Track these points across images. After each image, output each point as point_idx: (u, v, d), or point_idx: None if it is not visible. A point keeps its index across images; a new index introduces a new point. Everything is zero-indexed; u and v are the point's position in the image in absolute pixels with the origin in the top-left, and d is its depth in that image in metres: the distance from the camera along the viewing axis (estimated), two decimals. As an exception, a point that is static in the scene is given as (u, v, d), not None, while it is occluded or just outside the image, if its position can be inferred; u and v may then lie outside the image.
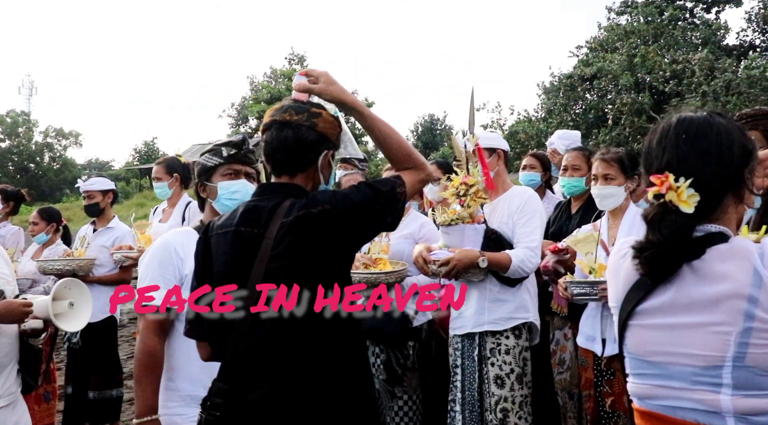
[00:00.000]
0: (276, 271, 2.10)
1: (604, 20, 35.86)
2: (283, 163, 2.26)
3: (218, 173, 2.90)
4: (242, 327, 2.13)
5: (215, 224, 2.32)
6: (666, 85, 26.78)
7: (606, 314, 3.53)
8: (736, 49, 32.45)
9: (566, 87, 30.25)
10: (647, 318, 1.65)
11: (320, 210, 2.12)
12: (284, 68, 48.38)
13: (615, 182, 3.65)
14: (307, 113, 2.26)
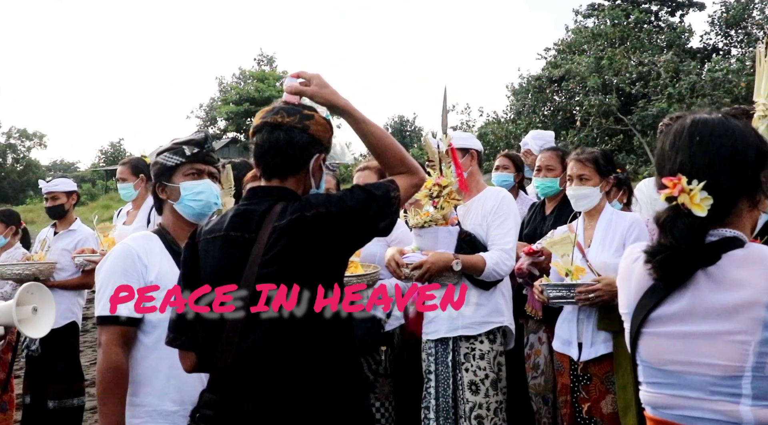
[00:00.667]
0: (268, 276, 2.06)
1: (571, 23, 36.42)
2: (274, 166, 2.22)
3: (180, 173, 2.76)
4: (233, 333, 2.08)
5: (203, 230, 2.27)
6: (632, 87, 27.14)
7: (582, 317, 3.47)
8: (700, 52, 33.02)
9: (535, 89, 30.56)
10: (662, 326, 1.61)
11: (314, 213, 2.09)
12: (253, 69, 48.17)
13: (590, 182, 3.59)
14: (299, 115, 2.22)
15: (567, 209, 4.01)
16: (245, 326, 2.08)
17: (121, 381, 2.54)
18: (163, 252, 2.70)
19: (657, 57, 27.76)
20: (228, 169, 4.68)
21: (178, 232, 2.78)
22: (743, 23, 33.25)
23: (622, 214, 3.62)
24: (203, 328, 2.17)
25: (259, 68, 48.91)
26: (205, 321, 2.17)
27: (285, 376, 2.06)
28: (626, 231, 3.47)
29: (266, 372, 2.07)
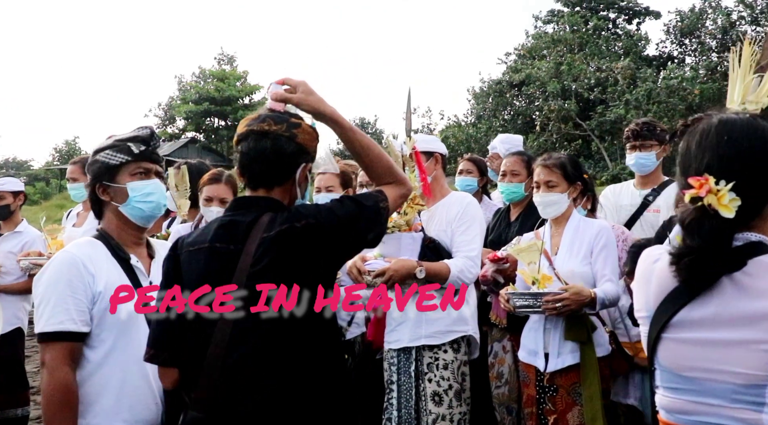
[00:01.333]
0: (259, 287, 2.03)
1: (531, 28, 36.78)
2: (261, 175, 2.18)
3: (125, 173, 2.55)
4: (220, 348, 2.03)
5: (185, 241, 2.22)
6: (591, 93, 27.55)
7: (549, 327, 3.39)
8: (656, 60, 33.65)
9: (495, 93, 30.90)
10: (685, 332, 1.57)
11: (305, 224, 2.05)
12: (213, 68, 47.60)
13: (558, 188, 3.51)
14: (286, 123, 2.17)
15: (532, 215, 3.94)
16: (232, 340, 2.03)
17: (70, 402, 2.34)
18: (109, 260, 2.52)
19: (615, 63, 28.20)
20: (183, 170, 4.51)
21: (123, 237, 2.60)
22: (697, 32, 33.99)
23: (589, 221, 3.55)
24: (187, 343, 2.11)
25: (220, 67, 48.40)
26: (188, 336, 2.11)
27: (273, 392, 2.02)
28: (594, 239, 3.41)
29: (254, 387, 2.01)
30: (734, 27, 32.36)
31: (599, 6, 36.10)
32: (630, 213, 4.27)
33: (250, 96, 46.44)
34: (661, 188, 4.26)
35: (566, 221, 3.53)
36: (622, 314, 3.63)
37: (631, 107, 25.82)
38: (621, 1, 36.42)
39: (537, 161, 3.62)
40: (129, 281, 2.51)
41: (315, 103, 2.19)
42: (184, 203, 4.51)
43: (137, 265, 2.58)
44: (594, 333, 3.29)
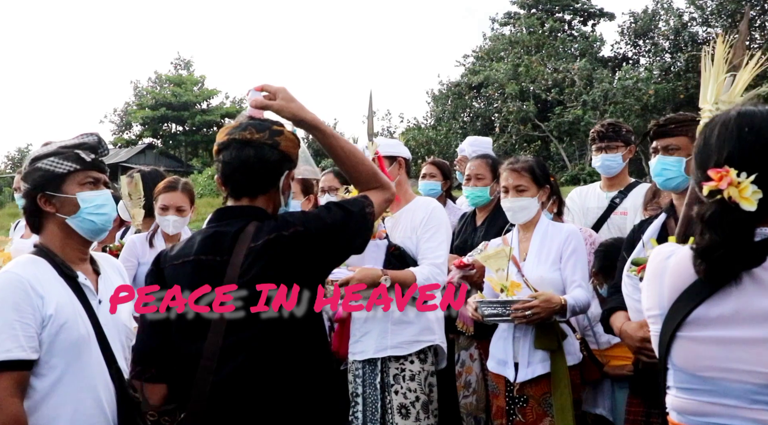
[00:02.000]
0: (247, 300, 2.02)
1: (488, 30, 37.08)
2: (244, 184, 2.16)
3: (74, 182, 2.35)
4: (210, 360, 2.00)
5: (168, 255, 2.19)
6: (548, 94, 27.79)
7: (518, 336, 3.29)
8: (611, 61, 34.16)
9: (454, 95, 31.10)
10: (701, 330, 1.52)
11: (293, 232, 2.04)
12: (170, 73, 47.02)
13: (527, 193, 3.41)
14: (268, 131, 2.15)
15: (498, 219, 3.86)
16: (223, 354, 2.00)
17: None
18: (56, 279, 2.28)
19: (571, 65, 28.54)
20: (137, 178, 4.34)
21: (67, 252, 2.37)
22: (650, 33, 34.58)
23: (558, 225, 3.46)
24: (175, 358, 2.09)
25: (176, 72, 47.74)
26: (176, 351, 2.09)
27: (266, 406, 2.02)
28: (563, 243, 3.32)
29: (246, 402, 2.00)
30: (686, 28, 33.02)
31: (555, 8, 36.56)
32: (597, 216, 4.21)
33: (208, 101, 45.95)
34: (628, 189, 4.20)
35: (534, 226, 3.43)
36: (592, 321, 3.55)
37: (588, 108, 26.15)
38: (576, 3, 36.93)
39: (504, 165, 3.51)
40: (79, 301, 2.30)
41: (296, 110, 2.16)
42: (138, 213, 4.35)
43: (85, 283, 2.35)
44: (564, 341, 3.21)
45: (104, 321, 2.33)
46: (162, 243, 4.02)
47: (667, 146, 2.85)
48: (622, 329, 2.70)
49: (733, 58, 2.53)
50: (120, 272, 2.61)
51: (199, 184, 30.57)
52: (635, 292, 2.60)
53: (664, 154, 2.85)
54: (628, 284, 2.64)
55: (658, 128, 2.88)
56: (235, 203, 2.20)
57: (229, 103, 46.57)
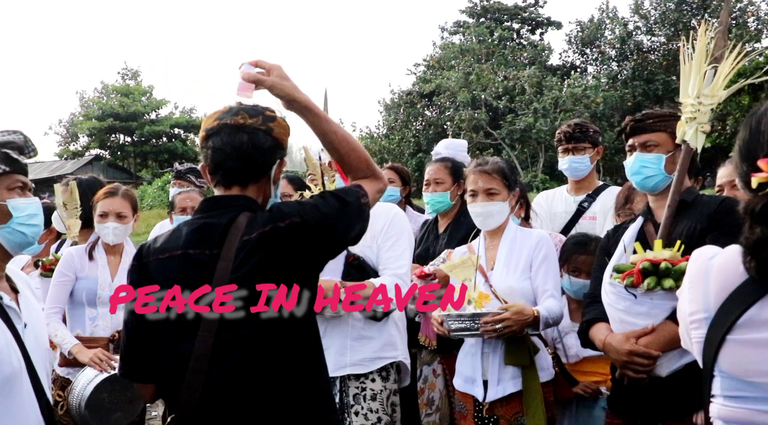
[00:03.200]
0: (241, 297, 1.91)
1: (438, 39, 37.36)
2: (236, 172, 2.05)
3: (2, 186, 2.03)
4: (201, 362, 1.90)
5: (152, 248, 2.07)
6: (499, 102, 28.05)
7: (487, 351, 3.07)
8: (560, 69, 34.67)
9: (406, 104, 31.28)
10: (754, 332, 1.42)
11: (289, 224, 1.95)
12: (117, 83, 46.18)
13: (499, 197, 3.19)
14: (261, 116, 2.06)
15: (462, 225, 3.68)
16: (215, 354, 1.90)
17: None
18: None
19: (521, 72, 28.88)
20: (72, 186, 4.05)
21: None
22: (597, 42, 35.25)
23: (527, 231, 3.26)
24: (163, 359, 1.99)
25: (124, 82, 46.89)
26: (164, 351, 1.99)
27: (262, 408, 1.94)
28: (533, 250, 3.11)
29: (239, 405, 1.92)
30: (631, 37, 33.78)
31: (503, 17, 37.05)
32: (565, 221, 4.04)
33: (157, 111, 45.27)
34: (596, 193, 4.04)
35: (502, 232, 3.21)
36: (561, 332, 3.36)
37: (539, 116, 26.49)
38: (524, 12, 37.47)
39: (471, 167, 3.29)
40: (7, 327, 1.98)
41: (289, 89, 2.08)
42: (74, 224, 4.05)
43: (10, 304, 2.01)
44: (536, 356, 2.99)
45: (30, 347, 2.01)
46: (103, 256, 3.74)
47: (645, 143, 2.68)
48: (606, 342, 2.50)
49: (714, 49, 2.37)
50: (30, 288, 2.27)
51: (149, 195, 29.97)
52: (619, 301, 2.41)
53: (642, 151, 2.68)
54: (611, 292, 2.44)
55: (634, 124, 2.70)
56: (225, 192, 2.07)
57: (178, 113, 45.95)
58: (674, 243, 2.39)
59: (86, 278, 3.69)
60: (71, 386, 3.43)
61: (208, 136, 2.07)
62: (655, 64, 32.70)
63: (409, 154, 29.50)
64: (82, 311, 3.69)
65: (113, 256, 3.80)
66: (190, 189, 4.60)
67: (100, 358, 3.44)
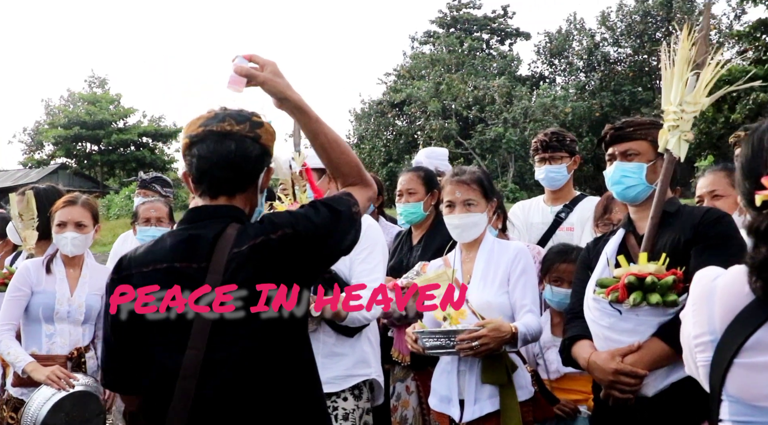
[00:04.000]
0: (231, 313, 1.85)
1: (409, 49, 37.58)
2: (223, 181, 1.97)
3: None
4: (190, 380, 1.82)
5: (134, 260, 1.98)
6: (470, 112, 28.20)
7: (463, 369, 2.95)
8: (529, 79, 34.99)
9: (377, 113, 31.36)
10: (761, 356, 1.37)
11: (281, 235, 1.88)
12: (84, 91, 45.65)
13: (477, 207, 3.06)
14: (248, 122, 1.98)
15: (436, 237, 3.57)
16: (205, 369, 1.82)
17: None
18: None
19: (491, 82, 29.10)
20: (29, 196, 3.86)
21: None
22: (565, 53, 35.66)
23: (504, 243, 3.15)
24: (148, 375, 1.92)
25: (91, 90, 46.35)
26: (150, 367, 1.92)
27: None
28: (511, 264, 3.00)
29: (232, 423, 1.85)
30: (598, 48, 34.21)
31: (473, 27, 37.36)
32: (542, 232, 3.94)
33: (125, 120, 44.79)
34: (574, 203, 3.95)
35: (479, 245, 3.10)
36: (543, 347, 3.25)
37: (509, 125, 26.65)
38: (493, 23, 37.82)
39: (447, 177, 3.17)
40: None
41: (282, 86, 2.00)
42: (30, 235, 3.87)
43: None
44: (515, 374, 2.86)
45: None
46: (61, 268, 3.56)
47: (626, 151, 2.57)
48: (590, 360, 2.39)
49: (696, 56, 2.30)
50: None
51: (116, 205, 29.59)
52: (603, 317, 2.30)
53: (623, 160, 2.57)
54: (594, 308, 2.34)
55: (614, 132, 2.60)
56: (211, 202, 1.99)
57: (146, 122, 45.44)
58: (658, 256, 2.30)
59: (43, 293, 3.51)
60: (25, 406, 3.25)
61: (192, 143, 1.97)
62: (622, 76, 33.18)
63: (380, 163, 29.51)
64: (39, 328, 3.50)
65: (72, 269, 3.62)
66: (154, 199, 4.44)
67: (57, 376, 3.27)
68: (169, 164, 44.46)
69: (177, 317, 1.87)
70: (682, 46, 2.27)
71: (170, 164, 44.74)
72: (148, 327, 1.91)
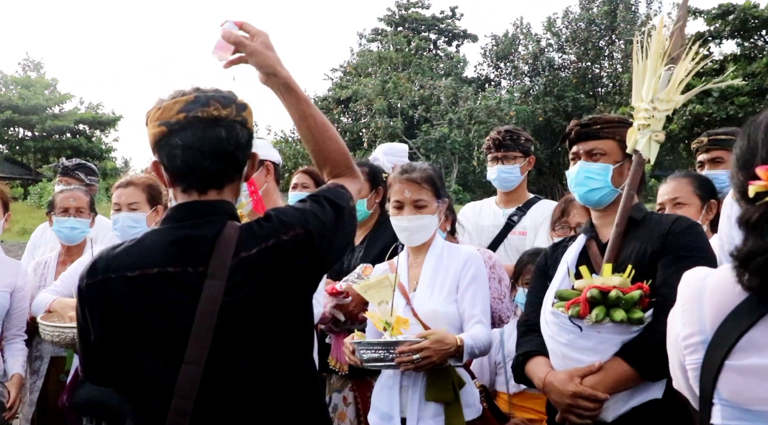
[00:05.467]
0: (234, 326, 1.65)
1: (356, 46, 37.54)
2: (215, 173, 1.75)
3: None
4: (187, 399, 1.62)
5: (113, 263, 1.71)
6: (416, 111, 28.30)
7: (406, 384, 2.70)
8: (474, 81, 35.19)
9: (322, 109, 30.87)
10: (754, 357, 1.30)
11: (293, 236, 1.71)
12: (17, 75, 44.17)
13: (428, 209, 2.81)
14: (234, 105, 1.75)
15: (380, 238, 3.34)
16: (203, 390, 1.62)
17: None
18: None
19: (437, 82, 29.26)
20: None
21: None
22: (511, 57, 36.02)
23: (454, 248, 2.91)
24: (136, 386, 1.71)
25: (25, 74, 44.81)
26: (138, 378, 1.70)
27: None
28: (461, 270, 2.76)
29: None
30: (543, 53, 34.64)
31: (420, 27, 37.46)
32: (493, 235, 3.72)
33: (60, 105, 43.41)
34: (527, 206, 3.75)
35: (428, 249, 2.86)
36: (506, 356, 3.00)
37: (454, 126, 26.83)
38: (441, 24, 38.01)
39: (395, 174, 2.90)
40: None
41: (272, 60, 1.84)
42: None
43: None
44: (462, 390, 2.62)
45: None
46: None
47: (591, 151, 2.36)
48: (546, 381, 2.17)
49: (671, 50, 2.10)
50: None
51: (49, 193, 28.50)
52: (562, 333, 2.08)
53: (587, 159, 2.36)
54: (552, 323, 2.12)
55: (580, 129, 2.38)
56: (200, 197, 1.75)
57: (84, 108, 44.17)
58: (622, 267, 2.10)
59: None
60: None
61: (171, 132, 1.71)
62: (566, 82, 33.62)
63: (323, 159, 29.35)
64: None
65: None
66: (74, 187, 4.01)
67: None
68: (107, 153, 43.30)
69: (170, 328, 1.65)
70: (657, 39, 2.07)
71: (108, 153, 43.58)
72: (134, 338, 1.68)
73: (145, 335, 1.68)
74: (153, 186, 3.39)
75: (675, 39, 2.09)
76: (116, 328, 1.69)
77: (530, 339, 2.33)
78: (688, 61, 2.04)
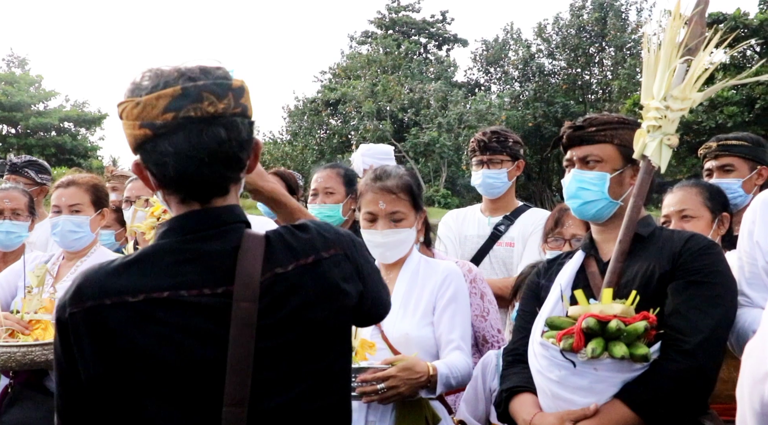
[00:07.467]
0: (275, 353, 1.42)
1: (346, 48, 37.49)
2: (217, 180, 1.48)
3: None
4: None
5: (101, 287, 1.41)
6: (405, 115, 28.24)
7: (373, 419, 2.34)
8: (464, 86, 35.15)
9: (311, 111, 31.40)
10: None
11: (333, 255, 1.51)
12: (1, 71, 43.75)
13: (405, 222, 2.49)
14: (231, 93, 1.44)
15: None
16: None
17: None
18: None
19: (427, 85, 29.22)
20: None
21: None
22: (501, 62, 36.00)
23: (432, 263, 2.59)
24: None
25: (9, 70, 44.35)
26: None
27: None
28: (438, 288, 2.44)
29: None
30: (533, 59, 34.62)
31: (411, 30, 37.43)
32: (477, 246, 3.39)
33: (45, 102, 42.91)
34: (515, 215, 3.42)
35: (402, 264, 2.53)
36: None
37: (443, 130, 26.79)
38: (431, 28, 38.02)
39: (367, 182, 2.55)
40: None
41: (251, 177, 1.75)
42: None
43: None
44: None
45: None
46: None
47: (586, 157, 2.06)
48: (532, 424, 1.87)
49: (688, 39, 1.79)
50: None
51: (30, 192, 28.25)
52: (552, 368, 1.76)
53: (582, 167, 2.07)
54: (542, 355, 1.80)
55: (573, 132, 2.06)
56: (203, 206, 1.48)
57: (69, 106, 43.70)
58: (626, 291, 1.79)
59: None
60: None
61: (156, 135, 1.41)
62: (555, 88, 33.54)
63: (312, 162, 29.16)
64: None
65: None
66: (10, 186, 3.62)
67: None
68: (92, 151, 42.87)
69: (189, 364, 1.39)
70: (671, 26, 1.75)
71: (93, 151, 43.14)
72: (140, 378, 1.41)
73: (155, 373, 1.40)
74: (98, 187, 3.07)
75: (693, 26, 1.77)
76: (114, 366, 1.41)
77: (517, 371, 2.01)
78: (708, 53, 1.73)
